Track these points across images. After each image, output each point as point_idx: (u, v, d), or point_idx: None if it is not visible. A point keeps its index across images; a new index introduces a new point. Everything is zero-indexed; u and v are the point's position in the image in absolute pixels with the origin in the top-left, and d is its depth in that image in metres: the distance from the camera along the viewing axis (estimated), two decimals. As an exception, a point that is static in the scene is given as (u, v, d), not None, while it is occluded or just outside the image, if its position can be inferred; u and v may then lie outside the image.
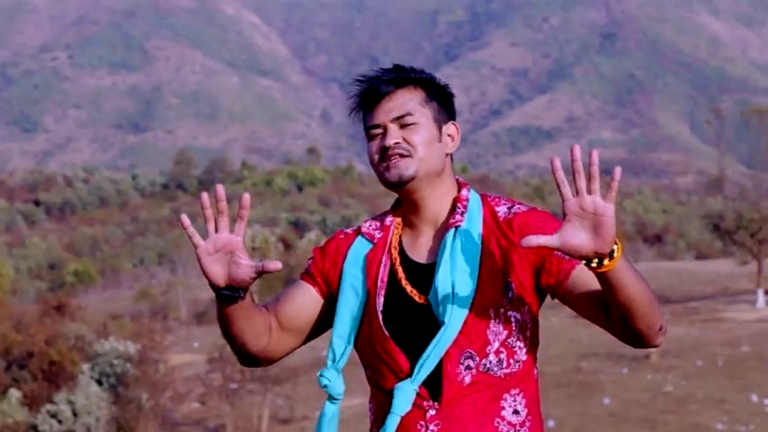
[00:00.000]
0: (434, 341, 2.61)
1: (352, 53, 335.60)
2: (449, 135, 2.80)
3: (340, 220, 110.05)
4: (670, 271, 62.83)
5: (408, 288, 2.71)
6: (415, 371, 2.64)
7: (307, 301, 2.84)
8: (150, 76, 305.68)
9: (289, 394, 36.46)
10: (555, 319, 43.10)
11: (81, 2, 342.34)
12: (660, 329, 2.60)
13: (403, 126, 2.73)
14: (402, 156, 2.71)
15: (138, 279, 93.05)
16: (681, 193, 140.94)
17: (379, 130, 2.75)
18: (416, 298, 2.69)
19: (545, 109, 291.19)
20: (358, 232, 2.85)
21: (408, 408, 2.64)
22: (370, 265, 2.76)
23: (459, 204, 2.75)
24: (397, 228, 2.81)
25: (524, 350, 2.69)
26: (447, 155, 2.79)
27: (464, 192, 2.78)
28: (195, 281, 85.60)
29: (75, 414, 30.26)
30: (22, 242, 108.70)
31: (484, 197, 2.80)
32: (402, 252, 2.77)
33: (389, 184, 2.73)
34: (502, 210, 2.75)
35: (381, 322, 2.70)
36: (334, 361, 2.76)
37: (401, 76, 2.78)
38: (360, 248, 2.80)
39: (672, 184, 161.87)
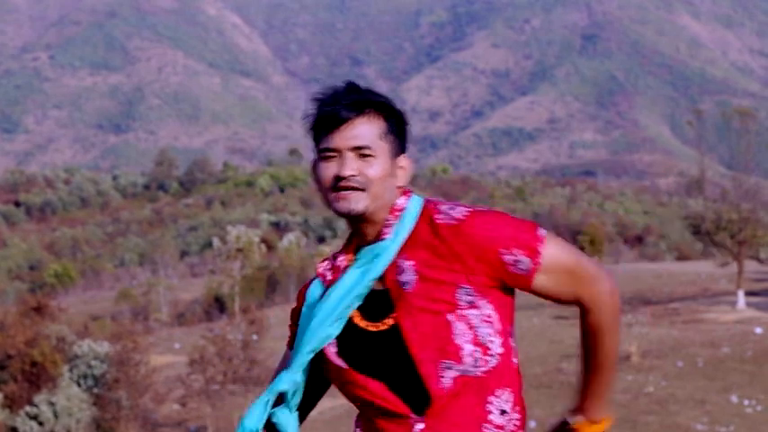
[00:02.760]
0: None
1: (334, 54, 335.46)
2: (400, 167, 2.72)
3: (321, 221, 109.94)
4: (651, 272, 63.05)
5: (362, 323, 2.68)
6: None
7: None
8: (131, 76, 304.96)
9: (270, 395, 36.37)
10: (536, 319, 43.18)
11: (62, 2, 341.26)
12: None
13: (360, 156, 2.65)
14: (355, 189, 2.63)
15: (119, 280, 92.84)
16: (662, 194, 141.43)
17: (333, 154, 2.68)
18: (371, 328, 2.66)
19: (526, 110, 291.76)
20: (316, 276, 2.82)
21: None
22: None
23: (390, 215, 2.70)
24: (350, 264, 2.74)
25: (498, 342, 2.64)
26: (398, 187, 2.71)
27: (400, 201, 2.72)
28: (176, 281, 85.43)
29: (55, 415, 30.15)
30: (2, 243, 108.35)
31: (426, 204, 2.71)
32: None
33: (337, 214, 2.68)
34: (442, 216, 2.65)
35: (338, 361, 2.68)
36: (286, 401, 2.72)
37: (362, 101, 2.70)
38: (314, 290, 2.76)
39: (653, 186, 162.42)
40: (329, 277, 2.74)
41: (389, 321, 2.62)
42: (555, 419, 2.86)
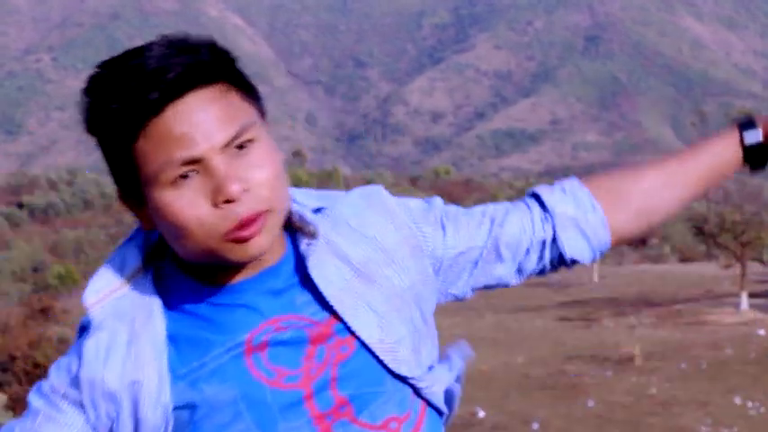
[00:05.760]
0: None
1: (337, 56, 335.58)
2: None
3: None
4: (654, 274, 63.08)
5: None
6: None
7: None
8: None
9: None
10: (539, 321, 43.22)
11: (64, 4, 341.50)
12: None
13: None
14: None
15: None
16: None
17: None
18: None
19: (529, 111, 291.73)
20: None
21: None
22: None
23: None
24: None
25: None
26: None
27: None
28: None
29: (59, 417, 30.23)
30: (5, 245, 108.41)
31: None
32: None
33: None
34: None
35: None
36: None
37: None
38: None
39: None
40: None
41: None
42: None
